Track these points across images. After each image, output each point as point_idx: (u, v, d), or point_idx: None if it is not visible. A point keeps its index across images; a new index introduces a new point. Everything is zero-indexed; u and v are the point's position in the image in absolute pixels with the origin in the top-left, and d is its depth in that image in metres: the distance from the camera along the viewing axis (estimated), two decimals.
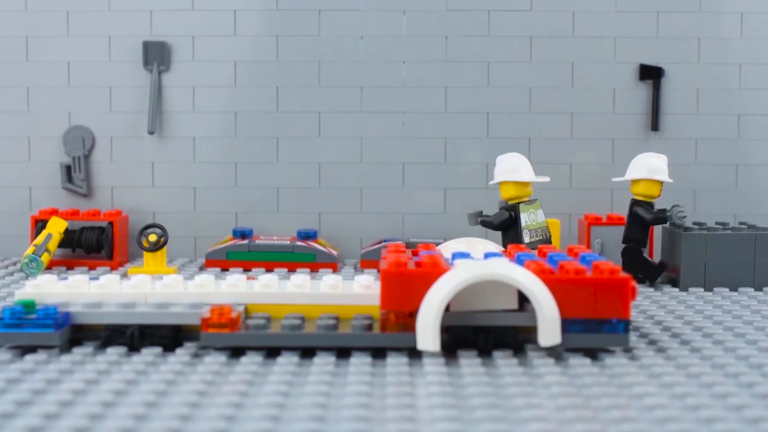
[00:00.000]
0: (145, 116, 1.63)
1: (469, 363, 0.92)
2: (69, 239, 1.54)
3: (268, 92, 1.65)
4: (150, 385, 0.84)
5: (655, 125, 1.63)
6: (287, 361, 0.92)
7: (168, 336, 0.98)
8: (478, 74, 1.64)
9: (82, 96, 1.64)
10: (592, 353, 0.96)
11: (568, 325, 0.95)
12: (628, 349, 0.98)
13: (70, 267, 1.52)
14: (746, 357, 0.95)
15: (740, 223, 1.48)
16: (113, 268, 1.51)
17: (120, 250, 1.54)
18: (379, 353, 0.96)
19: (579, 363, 0.92)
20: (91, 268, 1.51)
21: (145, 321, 0.98)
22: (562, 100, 1.64)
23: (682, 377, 0.88)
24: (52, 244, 1.46)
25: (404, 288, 0.95)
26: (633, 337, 1.03)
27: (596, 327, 0.95)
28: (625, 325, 0.95)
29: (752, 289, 1.35)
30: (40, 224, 1.52)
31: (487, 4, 1.63)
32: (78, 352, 0.95)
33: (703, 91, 1.63)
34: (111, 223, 1.53)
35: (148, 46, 1.63)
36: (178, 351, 0.96)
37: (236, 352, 0.96)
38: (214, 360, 0.93)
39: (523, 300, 0.97)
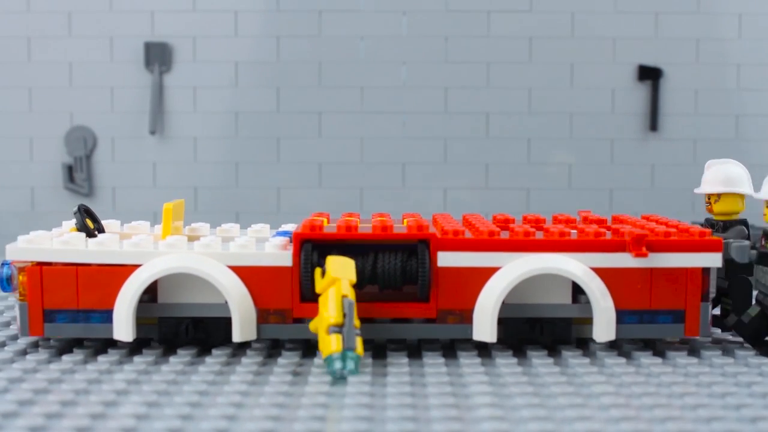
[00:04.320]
0: (146, 116, 1.63)
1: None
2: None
3: (269, 93, 1.65)
4: (151, 385, 0.84)
5: (653, 125, 1.63)
6: (288, 361, 0.93)
7: (221, 328, 0.97)
8: (478, 74, 1.64)
9: (83, 96, 1.65)
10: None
11: (623, 316, 0.95)
12: (626, 350, 0.98)
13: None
14: (744, 357, 0.96)
15: None
16: (431, 317, 0.95)
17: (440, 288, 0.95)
18: (379, 353, 0.97)
19: (578, 363, 0.93)
20: (397, 315, 0.96)
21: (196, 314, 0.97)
22: (561, 100, 1.64)
23: (681, 377, 0.88)
24: (356, 314, 0.88)
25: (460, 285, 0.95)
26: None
27: (651, 318, 0.96)
28: (680, 316, 0.96)
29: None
30: (313, 252, 0.94)
31: (487, 4, 1.64)
32: (79, 352, 0.96)
33: (701, 91, 1.64)
34: (424, 242, 0.95)
35: (149, 47, 1.63)
36: (180, 351, 0.96)
37: (240, 350, 0.97)
38: (215, 360, 0.93)
39: (576, 292, 0.97)
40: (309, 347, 0.99)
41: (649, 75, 1.63)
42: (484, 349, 0.98)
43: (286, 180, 1.65)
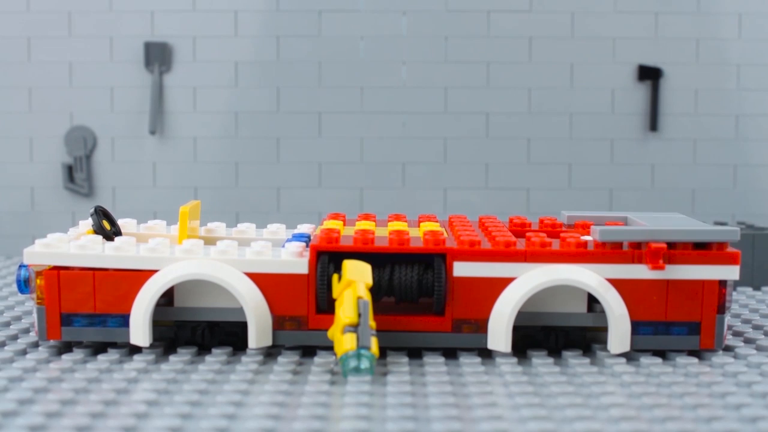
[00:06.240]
0: (146, 116, 1.63)
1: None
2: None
3: (269, 93, 1.65)
4: (151, 383, 0.84)
5: (653, 126, 1.63)
6: (288, 361, 0.93)
7: (237, 333, 0.98)
8: (478, 74, 1.64)
9: (83, 96, 1.65)
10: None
11: (638, 327, 0.96)
12: (627, 352, 0.98)
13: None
14: (745, 356, 0.96)
15: (738, 223, 1.48)
16: (446, 330, 0.96)
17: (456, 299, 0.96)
18: (382, 353, 0.97)
19: (578, 363, 0.93)
20: (412, 329, 0.96)
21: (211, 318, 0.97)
22: (561, 100, 1.64)
23: (681, 377, 0.88)
24: (372, 316, 0.89)
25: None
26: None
27: (666, 329, 0.96)
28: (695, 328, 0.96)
29: (751, 289, 1.35)
30: (329, 264, 0.96)
31: (487, 4, 1.64)
32: (79, 351, 0.96)
33: (701, 91, 1.64)
34: (441, 256, 0.95)
35: (149, 47, 1.64)
36: (180, 350, 0.96)
37: (240, 350, 0.97)
38: (215, 360, 0.93)
39: (591, 301, 0.97)
40: (309, 347, 0.99)
41: (649, 75, 1.63)
42: (484, 350, 0.98)
43: (286, 180, 1.65)
